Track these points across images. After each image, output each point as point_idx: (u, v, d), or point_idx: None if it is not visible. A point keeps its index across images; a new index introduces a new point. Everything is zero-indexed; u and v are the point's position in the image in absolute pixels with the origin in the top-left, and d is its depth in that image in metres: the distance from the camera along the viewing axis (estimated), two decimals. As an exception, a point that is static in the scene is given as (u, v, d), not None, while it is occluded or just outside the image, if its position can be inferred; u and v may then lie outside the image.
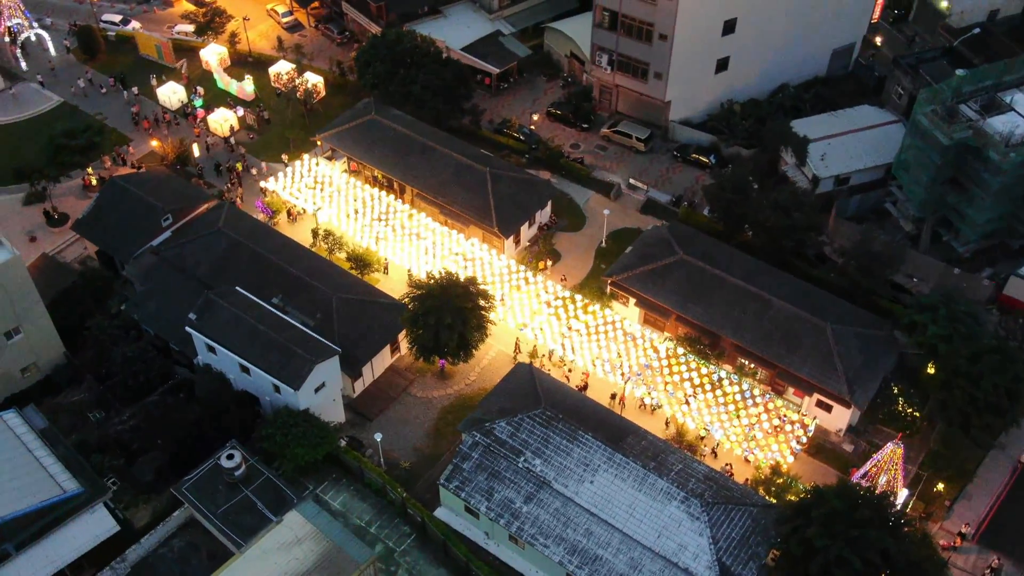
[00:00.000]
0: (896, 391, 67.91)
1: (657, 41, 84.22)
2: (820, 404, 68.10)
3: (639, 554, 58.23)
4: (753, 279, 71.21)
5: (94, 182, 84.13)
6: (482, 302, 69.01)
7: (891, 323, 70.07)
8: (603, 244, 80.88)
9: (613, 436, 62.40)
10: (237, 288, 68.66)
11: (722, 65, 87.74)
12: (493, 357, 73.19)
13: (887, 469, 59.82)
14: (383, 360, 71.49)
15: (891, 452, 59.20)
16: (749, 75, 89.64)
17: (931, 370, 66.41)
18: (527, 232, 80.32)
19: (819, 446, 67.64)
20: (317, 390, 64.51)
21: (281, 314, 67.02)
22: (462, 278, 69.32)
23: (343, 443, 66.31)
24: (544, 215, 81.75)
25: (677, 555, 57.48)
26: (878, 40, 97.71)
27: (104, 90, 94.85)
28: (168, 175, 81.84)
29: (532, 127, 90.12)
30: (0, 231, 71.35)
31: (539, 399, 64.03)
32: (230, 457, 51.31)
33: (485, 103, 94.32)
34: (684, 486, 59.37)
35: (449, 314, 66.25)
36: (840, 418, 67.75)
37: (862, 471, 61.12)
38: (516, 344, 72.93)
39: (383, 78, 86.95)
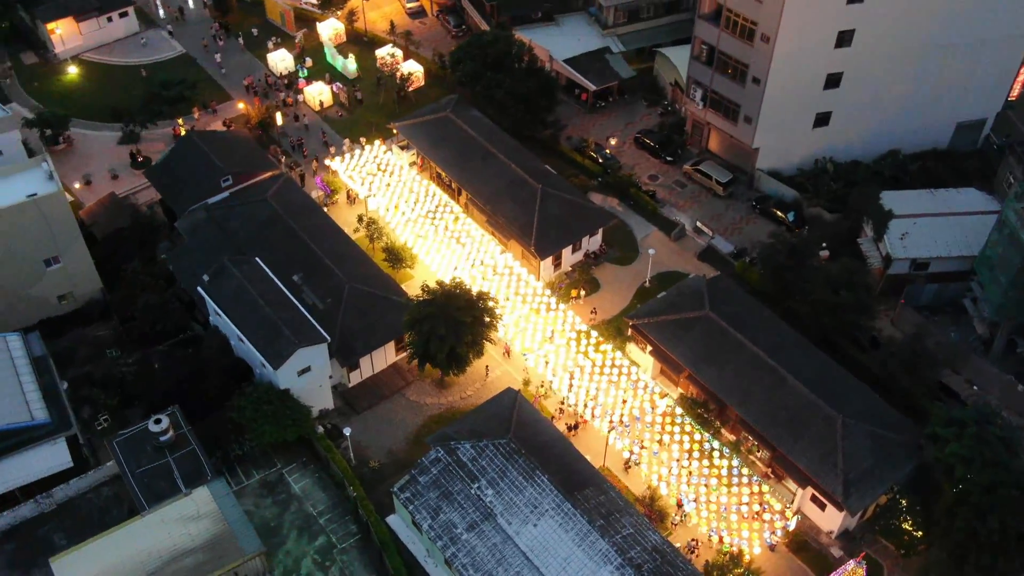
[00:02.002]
0: (903, 504, 61.62)
1: (750, 84, 79.66)
2: (815, 499, 62.79)
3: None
4: (776, 351, 66.27)
5: (183, 132, 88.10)
6: (486, 318, 67.70)
7: (921, 430, 63.69)
8: (647, 284, 77.54)
9: (572, 483, 59.78)
10: (256, 259, 70.17)
11: (822, 120, 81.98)
12: (498, 376, 71.63)
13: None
14: (385, 356, 71.28)
15: (851, 571, 53.82)
16: (854, 135, 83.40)
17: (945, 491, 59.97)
18: (570, 257, 78.00)
19: (804, 543, 62.32)
20: (301, 373, 65.06)
21: (288, 293, 67.94)
22: (477, 291, 68.29)
23: (321, 429, 66.82)
24: (594, 243, 79.16)
25: (597, 623, 54.71)
26: None
27: (222, 42, 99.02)
28: (245, 138, 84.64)
29: (609, 151, 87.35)
30: (88, 164, 76.13)
31: (509, 429, 62.20)
32: (157, 422, 52.53)
33: (578, 119, 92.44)
34: (624, 552, 56.17)
35: (443, 325, 65.24)
36: (832, 519, 62.17)
37: None
38: (526, 368, 71.20)
39: (471, 77, 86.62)
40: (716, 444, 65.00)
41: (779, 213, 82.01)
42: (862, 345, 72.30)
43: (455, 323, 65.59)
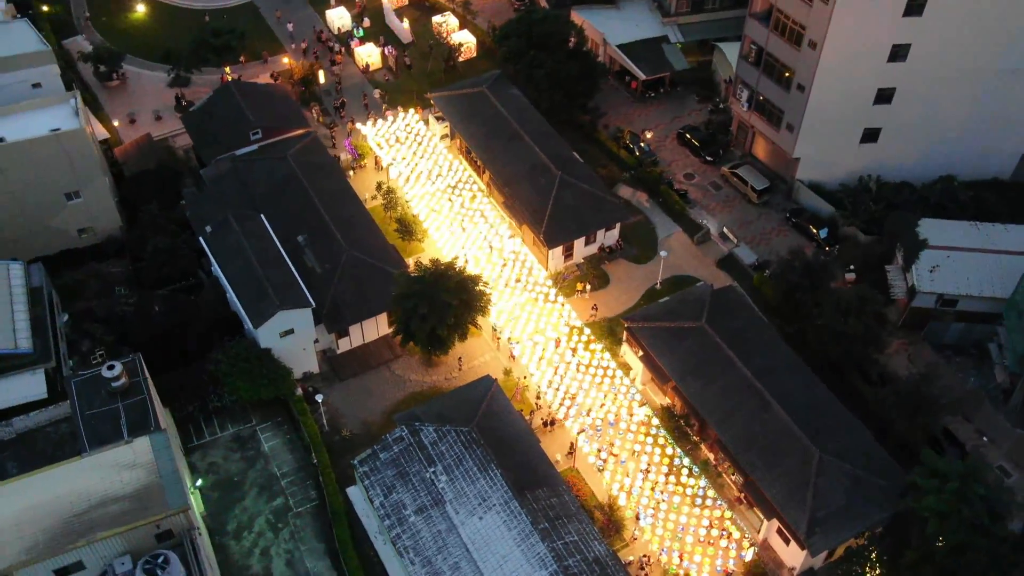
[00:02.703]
0: (871, 552, 58.44)
1: (795, 90, 75.84)
2: (780, 532, 60.22)
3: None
4: (767, 374, 63.42)
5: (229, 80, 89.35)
6: (476, 302, 66.82)
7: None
8: (658, 286, 75.18)
9: (525, 482, 58.69)
10: (261, 217, 70.81)
11: (870, 136, 77.52)
12: (486, 361, 70.78)
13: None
14: (377, 327, 71.15)
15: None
16: (905, 155, 78.63)
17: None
18: (583, 249, 76.17)
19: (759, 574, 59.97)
20: (283, 335, 65.56)
21: (284, 254, 68.30)
22: (470, 274, 67.40)
23: (300, 392, 67.34)
24: (610, 237, 77.07)
25: (522, 626, 53.82)
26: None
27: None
28: (284, 94, 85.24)
29: (643, 143, 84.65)
30: (137, 102, 77.82)
31: (474, 417, 61.42)
32: (111, 367, 53.59)
33: (624, 107, 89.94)
34: (562, 560, 54.93)
35: (427, 304, 64.66)
36: (795, 556, 59.47)
37: None
38: (512, 356, 70.17)
39: (515, 54, 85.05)
40: (687, 461, 62.87)
41: (812, 228, 78.30)
42: (869, 378, 68.69)
43: (440, 304, 64.91)
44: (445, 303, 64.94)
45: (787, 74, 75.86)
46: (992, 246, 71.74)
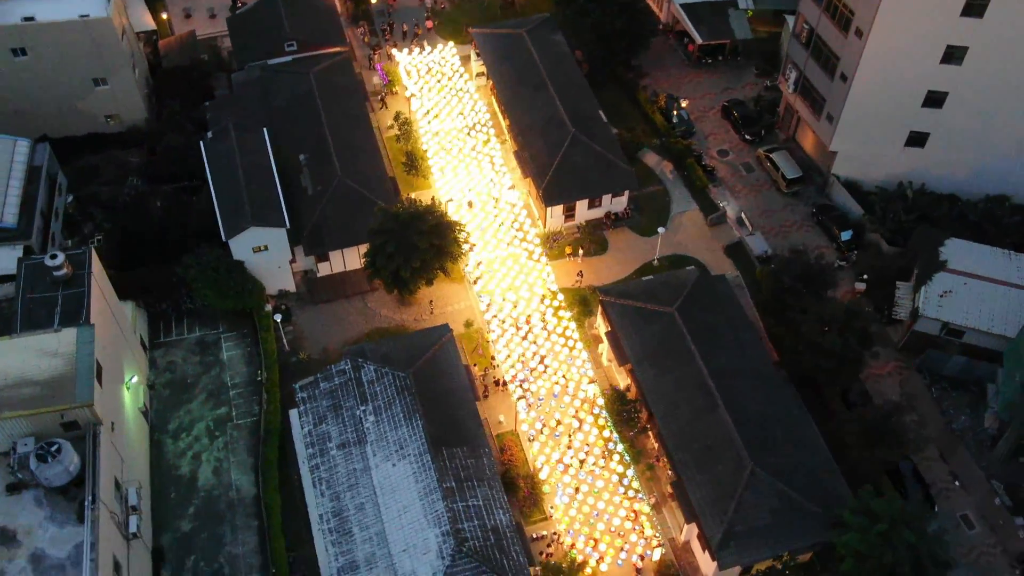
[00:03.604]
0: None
1: (838, 79, 70.45)
2: (700, 538, 57.92)
3: (381, 555, 55.07)
4: (725, 376, 60.33)
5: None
6: (453, 249, 65.82)
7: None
8: (655, 262, 72.25)
9: (446, 438, 58.01)
10: (264, 130, 71.12)
11: (917, 140, 71.49)
12: (460, 308, 69.84)
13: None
14: (360, 257, 70.87)
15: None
16: (954, 166, 72.33)
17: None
18: (586, 212, 73.63)
19: (673, 578, 58.10)
20: (256, 250, 66.25)
21: (274, 173, 68.50)
22: (448, 220, 66.31)
23: (269, 308, 68.24)
24: (618, 204, 74.21)
25: (405, 578, 53.86)
26: None
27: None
28: (329, 8, 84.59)
29: (679, 110, 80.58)
30: None
31: (414, 364, 60.89)
32: (53, 256, 55.15)
33: (677, 70, 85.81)
34: (456, 521, 54.33)
35: (395, 243, 64.08)
36: (708, 565, 57.11)
37: None
38: (485, 309, 69.03)
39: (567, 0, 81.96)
40: (620, 448, 60.94)
41: (835, 228, 73.39)
42: (846, 398, 64.63)
43: (408, 245, 64.17)
44: (413, 245, 64.13)
45: (833, 60, 70.47)
46: (1019, 280, 65.77)
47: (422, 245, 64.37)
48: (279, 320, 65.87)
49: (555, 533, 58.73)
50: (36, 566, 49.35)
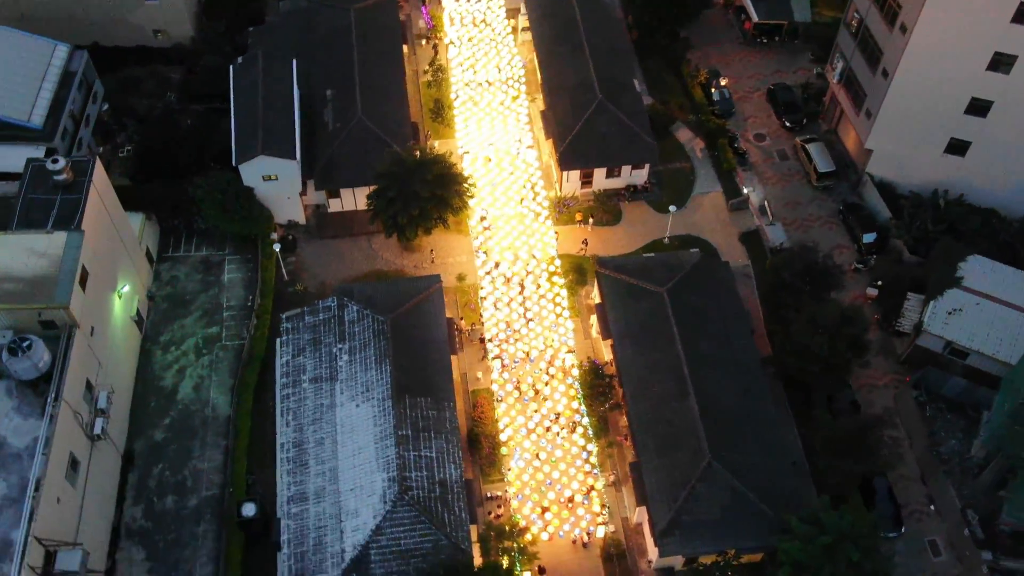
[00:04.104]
0: (724, 574, 54.75)
1: (879, 74, 67.32)
2: (649, 522, 57.41)
3: (330, 491, 56.23)
4: (703, 364, 59.26)
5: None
6: (454, 201, 65.76)
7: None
8: (665, 240, 70.89)
9: (412, 387, 58.43)
10: (292, 61, 71.75)
11: (957, 148, 67.98)
12: (463, 260, 69.67)
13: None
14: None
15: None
16: (997, 180, 68.63)
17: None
18: (604, 180, 72.38)
19: (615, 558, 57.58)
20: (266, 179, 67.31)
21: (296, 105, 69.31)
22: (456, 172, 66.22)
23: (274, 236, 69.40)
24: (638, 176, 72.76)
25: (346, 519, 54.75)
26: None
27: None
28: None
29: (718, 88, 78.17)
30: None
31: (395, 310, 61.34)
32: (55, 161, 56.96)
33: (729, 45, 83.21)
34: (404, 470, 54.97)
35: (396, 188, 64.34)
36: (653, 549, 56.67)
37: None
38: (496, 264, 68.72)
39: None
40: (586, 421, 60.55)
41: (858, 230, 70.67)
42: (832, 404, 62.64)
43: (409, 192, 64.39)
44: (414, 192, 64.30)
45: (877, 54, 67.32)
46: (1036, 307, 62.55)
47: (423, 194, 64.47)
48: (278, 250, 66.99)
49: (504, 493, 59.00)
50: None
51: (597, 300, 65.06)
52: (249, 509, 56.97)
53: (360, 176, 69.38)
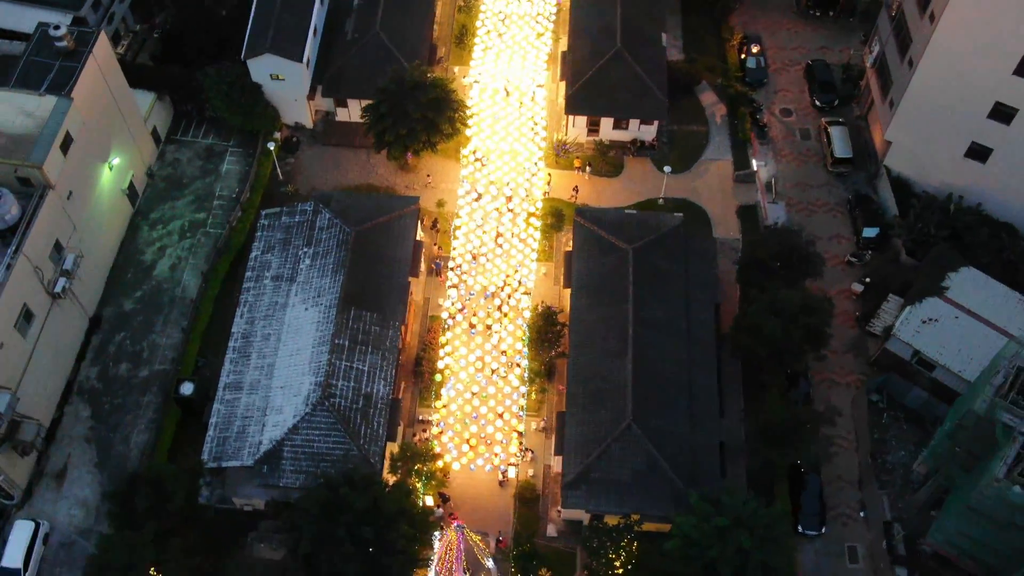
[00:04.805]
0: (622, 536, 54.30)
1: (906, 63, 63.97)
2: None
3: (263, 385, 58.17)
4: (651, 328, 58.51)
5: None
6: (444, 127, 65.87)
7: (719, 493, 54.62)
8: (660, 201, 69.59)
9: (361, 301, 59.48)
10: (324, -34, 72.39)
11: (978, 153, 64.29)
12: (454, 188, 70.00)
13: (446, 558, 51.54)
14: (372, 112, 72.14)
15: (448, 540, 50.56)
16: (1019, 191, 64.76)
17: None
18: (611, 132, 71.15)
19: (533, 500, 57.98)
20: (273, 78, 68.50)
21: (316, 11, 69.80)
22: (454, 97, 66.29)
23: (278, 135, 70.84)
24: (647, 132, 71.29)
25: (270, 413, 56.69)
26: None
27: None
28: None
29: (748, 55, 75.43)
30: None
31: (361, 224, 62.15)
32: (56, 28, 59.09)
33: (779, 14, 79.94)
34: (332, 376, 56.39)
35: (388, 105, 64.79)
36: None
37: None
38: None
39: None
40: (525, 364, 60.73)
41: (860, 222, 67.99)
42: (788, 394, 61.16)
43: (401, 111, 64.76)
44: (405, 112, 64.65)
45: (907, 41, 63.93)
46: (1016, 331, 59.20)
47: (414, 114, 64.75)
48: (273, 148, 68.39)
49: (435, 420, 60.00)
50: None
51: (568, 248, 64.69)
52: (187, 388, 59.57)
53: (367, 89, 69.65)
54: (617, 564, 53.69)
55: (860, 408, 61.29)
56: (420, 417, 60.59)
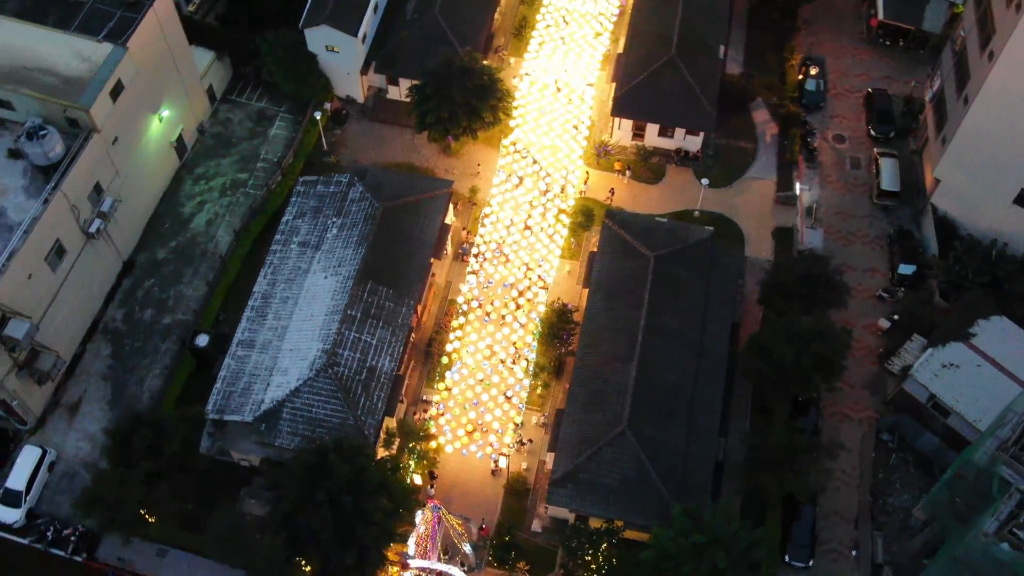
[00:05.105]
0: (601, 540, 54.06)
1: (962, 100, 62.20)
2: (555, 471, 57.63)
3: (274, 346, 59.33)
4: (661, 337, 58.06)
5: None
6: (486, 115, 66.27)
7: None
8: (696, 213, 68.90)
9: (380, 276, 60.25)
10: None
11: (1027, 200, 62.46)
12: (492, 174, 70.50)
13: (423, 537, 52.03)
14: (425, 94, 72.81)
15: (425, 519, 51.00)
16: (1068, 247, 62.71)
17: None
18: (656, 138, 70.63)
19: (518, 494, 57.96)
20: (328, 49, 69.72)
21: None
22: (501, 88, 66.71)
23: (328, 106, 72.09)
24: (692, 143, 70.60)
25: (276, 375, 57.82)
26: None
27: None
28: None
29: (805, 76, 74.11)
30: None
31: (393, 201, 62.89)
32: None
33: (847, 39, 78.23)
34: (339, 346, 57.32)
35: (432, 87, 65.49)
36: (549, 497, 57.06)
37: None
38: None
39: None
40: (532, 357, 60.82)
41: (898, 258, 66.36)
42: (796, 422, 60.12)
43: (444, 94, 65.37)
44: (449, 96, 65.24)
45: (965, 78, 62.20)
46: (1040, 386, 57.30)
47: (457, 99, 65.33)
48: (319, 116, 69.54)
49: (438, 403, 60.49)
50: (-7, 218, 57.69)
51: (594, 249, 64.56)
52: (202, 340, 61.27)
53: (418, 69, 70.52)
54: (593, 567, 53.51)
55: (867, 445, 59.90)
56: (424, 397, 61.16)
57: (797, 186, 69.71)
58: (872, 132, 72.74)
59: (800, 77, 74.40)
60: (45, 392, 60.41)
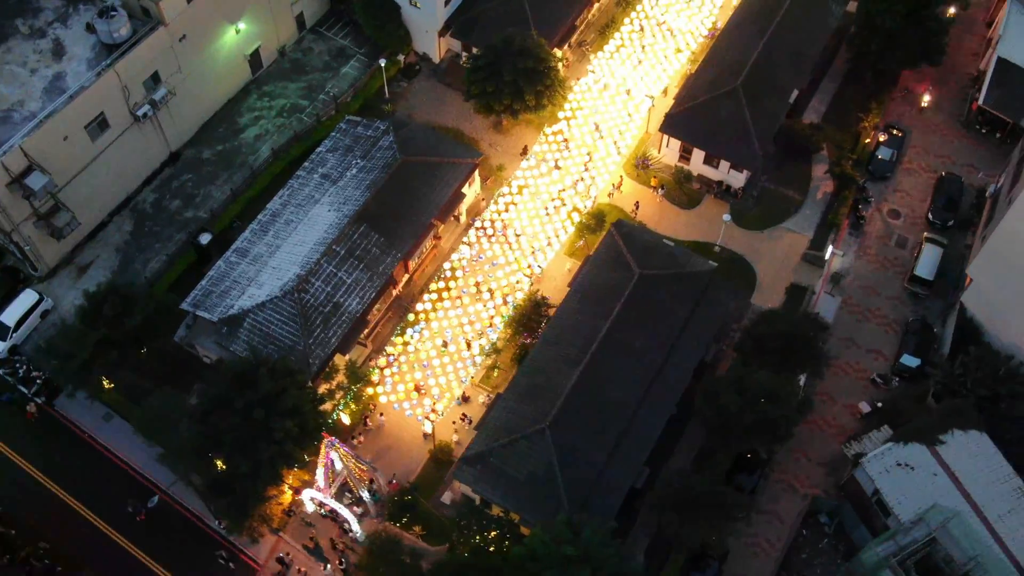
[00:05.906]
0: (490, 531, 54.27)
1: (1006, 199, 58.13)
2: (478, 451, 58.06)
3: (263, 260, 62.27)
4: (617, 350, 57.31)
5: None
6: (528, 99, 66.88)
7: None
8: (717, 248, 67.30)
9: (380, 226, 62.02)
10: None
11: (1054, 319, 57.78)
12: (539, 152, 70.86)
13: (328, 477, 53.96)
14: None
15: (319, 453, 52.74)
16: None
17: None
18: (701, 165, 69.20)
19: (441, 463, 58.98)
20: (411, 3, 71.98)
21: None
22: (557, 76, 67.26)
23: (402, 58, 74.47)
24: (735, 179, 68.84)
25: (252, 286, 60.64)
26: None
27: None
28: None
29: (879, 142, 70.76)
30: None
31: (415, 155, 64.44)
32: None
33: (940, 116, 74.13)
34: (313, 276, 59.61)
35: (486, 60, 66.64)
36: (463, 474, 57.61)
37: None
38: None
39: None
40: (494, 338, 61.30)
41: (903, 348, 62.83)
42: (737, 477, 58.30)
43: (495, 70, 66.38)
44: (500, 71, 66.23)
45: (1018, 178, 58.07)
46: (991, 516, 53.21)
47: (506, 77, 66.23)
48: (383, 64, 71.78)
49: (389, 353, 62.01)
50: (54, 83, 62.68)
51: (591, 252, 64.31)
52: (205, 238, 65.07)
53: (486, 40, 71.79)
54: (469, 549, 53.93)
55: (797, 521, 57.36)
56: (387, 348, 62.79)
57: (830, 248, 66.85)
58: (931, 216, 68.81)
59: (877, 141, 71.07)
60: (62, 248, 65.60)
